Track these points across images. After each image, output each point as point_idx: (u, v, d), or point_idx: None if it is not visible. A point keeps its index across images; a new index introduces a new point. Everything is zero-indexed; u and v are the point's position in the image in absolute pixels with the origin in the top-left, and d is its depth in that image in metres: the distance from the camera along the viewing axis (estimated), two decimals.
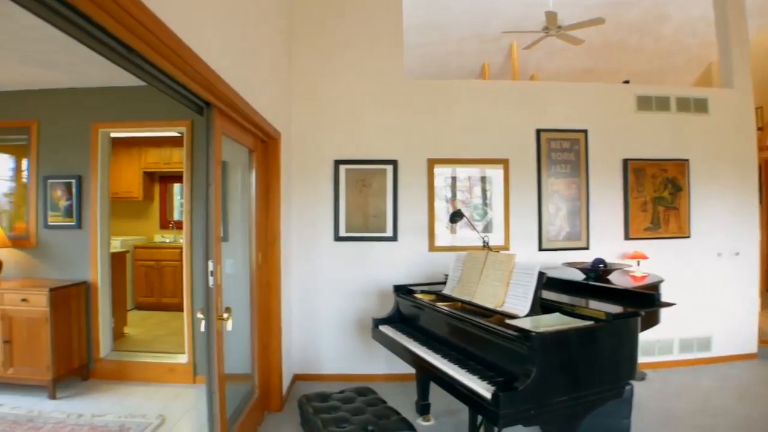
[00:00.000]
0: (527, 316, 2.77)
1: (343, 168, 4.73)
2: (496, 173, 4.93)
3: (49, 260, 5.02)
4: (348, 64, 4.87)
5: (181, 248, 7.40)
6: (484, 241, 3.99)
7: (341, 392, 3.11)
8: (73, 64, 4.28)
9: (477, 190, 4.95)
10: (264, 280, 3.94)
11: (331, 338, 4.80)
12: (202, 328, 2.53)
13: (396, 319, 3.72)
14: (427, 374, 3.10)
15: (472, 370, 2.61)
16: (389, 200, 4.77)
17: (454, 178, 4.90)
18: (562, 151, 5.05)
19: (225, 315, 2.58)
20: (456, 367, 2.69)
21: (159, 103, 4.79)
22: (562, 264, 4.66)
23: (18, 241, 5.08)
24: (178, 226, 8.17)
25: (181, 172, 5.50)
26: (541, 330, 2.38)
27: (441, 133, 4.87)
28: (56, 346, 4.38)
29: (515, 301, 2.90)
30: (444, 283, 3.83)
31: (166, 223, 8.35)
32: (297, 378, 4.79)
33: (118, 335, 5.77)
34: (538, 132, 4.99)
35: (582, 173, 5.05)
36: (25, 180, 5.21)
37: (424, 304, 3.36)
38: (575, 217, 5.04)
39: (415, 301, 3.50)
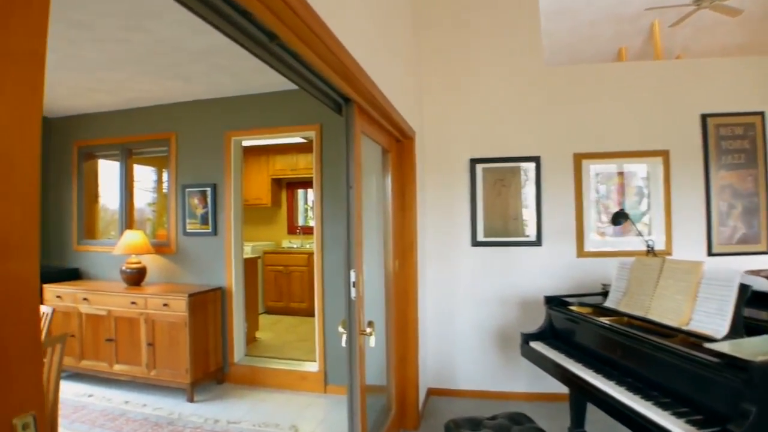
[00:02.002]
0: (726, 338, 2.23)
1: (479, 167, 4.34)
2: (653, 167, 4.29)
3: (187, 266, 5.17)
4: (481, 54, 4.48)
5: (308, 253, 7.46)
6: (648, 246, 3.42)
7: (493, 418, 2.74)
8: (205, 75, 4.34)
9: (632, 187, 4.33)
10: (401, 288, 3.67)
11: (467, 351, 4.43)
12: (343, 343, 2.29)
13: (548, 335, 3.27)
14: (590, 400, 2.63)
15: (660, 404, 2.12)
16: (531, 201, 4.30)
17: (604, 174, 4.32)
18: (734, 138, 4.27)
19: (368, 329, 2.33)
20: (638, 398, 2.20)
21: (288, 109, 4.76)
22: (745, 272, 3.91)
23: (160, 248, 5.29)
24: (305, 231, 8.27)
25: (307, 177, 5.43)
26: (763, 358, 1.85)
27: (588, 125, 4.32)
28: (194, 350, 4.46)
29: (707, 318, 2.36)
30: (600, 294, 3.33)
31: (293, 228, 8.50)
32: (431, 393, 4.48)
33: (250, 339, 5.85)
34: (704, 117, 4.26)
35: (760, 163, 4.23)
36: (165, 190, 5.44)
37: (585, 319, 2.88)
38: (753, 216, 4.24)
39: (571, 315, 3.03)
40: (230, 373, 4.94)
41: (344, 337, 2.29)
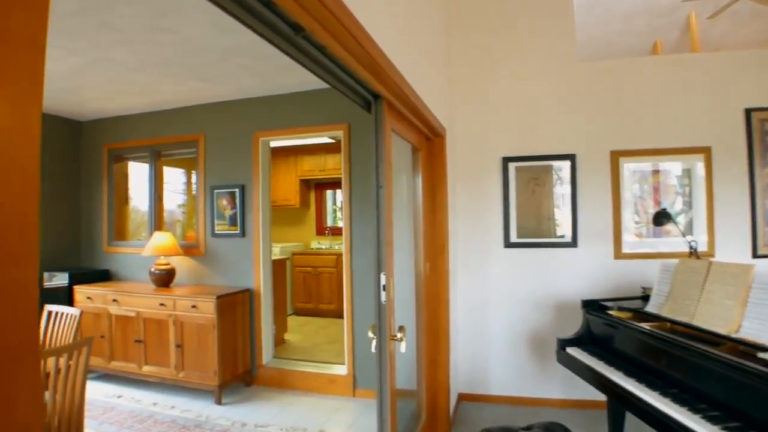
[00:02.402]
0: None
1: (512, 166, 4.19)
2: (693, 164, 4.09)
3: (215, 267, 5.16)
4: (512, 49, 4.34)
5: (337, 254, 7.42)
6: (691, 247, 3.24)
7: (528, 428, 2.61)
8: (231, 76, 4.32)
9: (669, 186, 4.14)
10: (432, 290, 3.57)
11: (499, 355, 4.29)
12: (373, 348, 2.21)
13: (586, 340, 3.13)
14: (630, 410, 2.48)
15: (708, 417, 1.97)
16: (566, 200, 4.14)
17: (641, 173, 4.14)
18: None
19: (398, 335, 2.24)
20: (684, 410, 2.06)
21: (316, 109, 4.71)
22: None
23: (188, 249, 5.29)
24: (334, 232, 8.24)
25: (336, 178, 5.35)
26: None
27: (624, 121, 4.13)
28: (222, 352, 4.43)
29: (759, 326, 2.20)
30: (640, 297, 3.17)
31: (321, 229, 8.48)
32: (462, 398, 4.36)
33: (278, 341, 5.82)
34: (748, 112, 4.04)
35: None
36: (194, 191, 5.45)
37: (626, 324, 2.74)
38: None
39: (611, 320, 2.88)
40: (258, 375, 4.91)
41: (374, 343, 2.20)
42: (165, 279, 5.02)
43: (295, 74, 4.23)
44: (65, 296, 5.25)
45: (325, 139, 7.30)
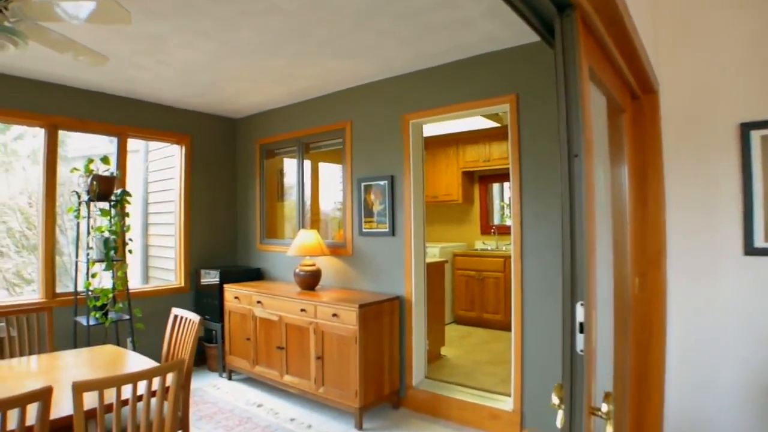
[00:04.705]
0: None
1: (756, 136, 2.80)
2: None
3: (363, 270, 4.59)
4: None
5: (504, 257, 6.43)
6: None
7: None
8: (372, 48, 3.66)
9: None
10: (640, 317, 2.50)
11: (733, 412, 2.97)
12: (558, 422, 1.30)
13: None
14: None
15: None
16: None
17: None
18: None
19: (603, 407, 1.28)
20: None
21: (473, 80, 3.86)
22: None
23: (335, 249, 4.80)
24: (500, 231, 7.23)
25: (502, 169, 4.40)
26: None
27: None
28: (365, 369, 3.81)
29: None
30: None
31: (487, 228, 7.51)
32: None
33: (433, 356, 5.07)
34: None
35: None
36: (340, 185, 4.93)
37: None
38: None
39: None
40: (407, 397, 4.21)
41: (559, 415, 1.30)
42: (310, 281, 4.57)
43: (447, 35, 3.43)
44: (216, 294, 5.09)
45: (488, 124, 6.39)
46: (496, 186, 7.46)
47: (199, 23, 3.20)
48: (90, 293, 4.32)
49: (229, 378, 4.96)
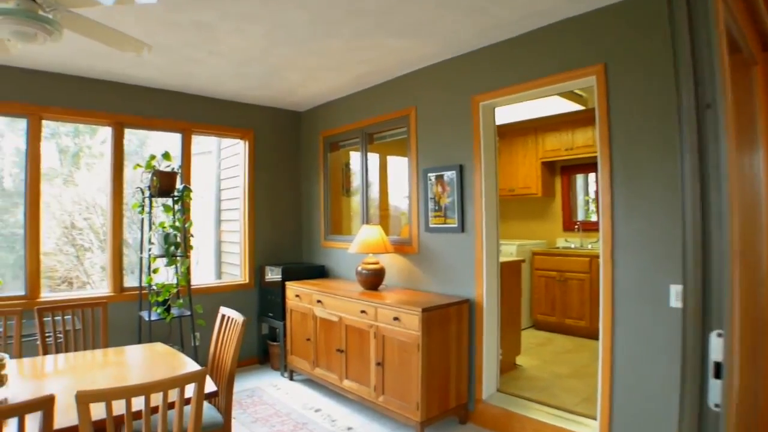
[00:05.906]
0: None
1: None
2: None
3: (429, 269, 4.22)
4: None
5: (590, 256, 5.81)
6: None
7: None
8: (431, 21, 3.26)
9: None
10: None
11: None
12: None
13: None
14: None
15: None
16: None
17: None
18: None
19: None
20: None
21: (549, 52, 3.36)
22: None
23: (400, 246, 4.46)
24: (585, 227, 6.57)
25: (587, 158, 3.89)
26: None
27: None
28: (428, 379, 3.44)
29: None
30: None
31: (570, 224, 6.85)
32: None
33: (507, 367, 4.60)
34: None
35: None
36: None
37: None
38: None
39: None
40: (476, 412, 3.80)
41: None
42: (372, 280, 4.27)
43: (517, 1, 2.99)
44: (279, 292, 4.92)
45: (570, 107, 5.80)
46: (580, 177, 6.78)
47: (245, 5, 2.98)
48: (152, 288, 4.27)
49: (291, 378, 4.78)
